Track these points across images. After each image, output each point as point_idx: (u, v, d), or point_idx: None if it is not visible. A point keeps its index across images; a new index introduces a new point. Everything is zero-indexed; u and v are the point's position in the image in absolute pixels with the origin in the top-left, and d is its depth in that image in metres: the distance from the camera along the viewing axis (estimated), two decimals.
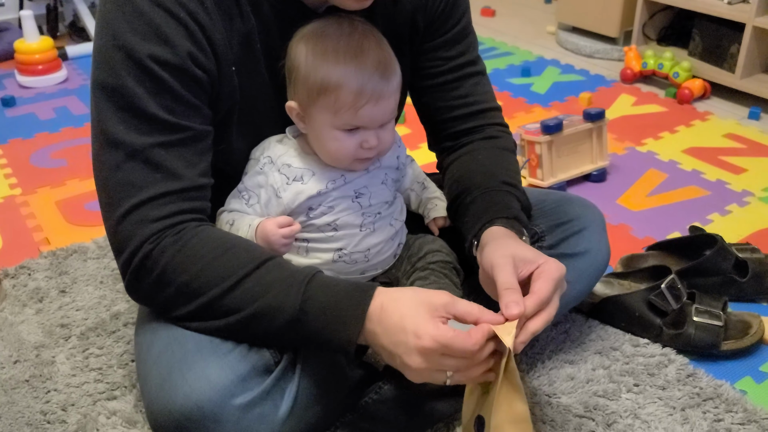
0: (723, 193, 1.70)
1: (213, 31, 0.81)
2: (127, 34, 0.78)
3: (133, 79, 0.78)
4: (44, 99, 2.29)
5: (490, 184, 0.98)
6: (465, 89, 1.04)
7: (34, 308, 1.31)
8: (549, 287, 0.79)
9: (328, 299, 0.78)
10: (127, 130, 0.79)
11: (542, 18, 3.06)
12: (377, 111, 0.87)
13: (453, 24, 1.01)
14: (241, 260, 0.80)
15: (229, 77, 0.85)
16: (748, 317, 1.22)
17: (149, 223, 0.79)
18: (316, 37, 0.86)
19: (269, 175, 0.91)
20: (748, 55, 2.14)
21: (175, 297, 0.81)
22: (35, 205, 1.67)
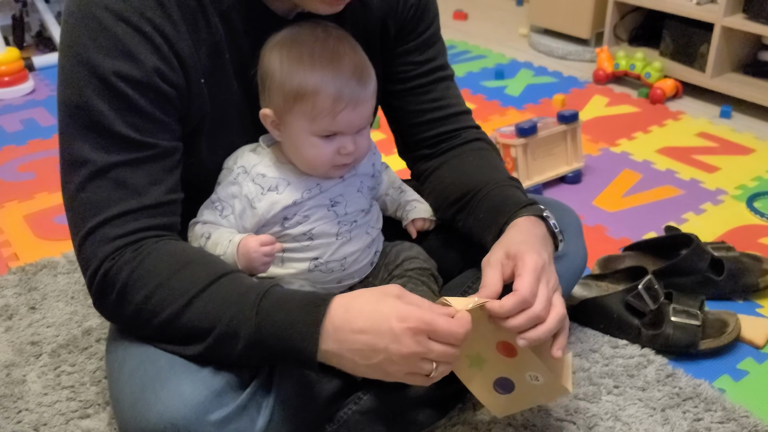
0: (697, 192, 1.72)
1: (180, 43, 0.80)
2: (91, 50, 0.76)
3: (98, 96, 0.77)
4: (11, 111, 2.25)
5: (498, 180, 0.98)
6: (436, 93, 1.03)
7: (4, 326, 1.27)
8: (526, 281, 0.79)
9: (282, 317, 0.75)
10: (91, 149, 0.78)
11: (514, 20, 3.07)
12: (355, 116, 0.86)
13: (424, 29, 1.01)
14: (195, 277, 0.78)
15: (199, 89, 0.83)
16: (724, 316, 1.23)
17: (110, 241, 0.78)
18: (290, 44, 0.85)
19: (243, 185, 0.90)
20: (718, 55, 2.17)
21: (136, 314, 0.79)
22: (3, 220, 1.63)
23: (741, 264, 1.33)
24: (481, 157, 1.03)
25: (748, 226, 1.57)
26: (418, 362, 0.74)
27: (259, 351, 0.76)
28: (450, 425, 1.04)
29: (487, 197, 0.96)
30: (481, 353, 0.85)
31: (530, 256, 0.82)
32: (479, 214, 0.96)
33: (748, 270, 1.33)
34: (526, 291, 0.79)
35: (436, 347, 0.73)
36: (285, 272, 0.94)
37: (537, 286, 0.80)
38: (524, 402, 0.91)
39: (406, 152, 1.10)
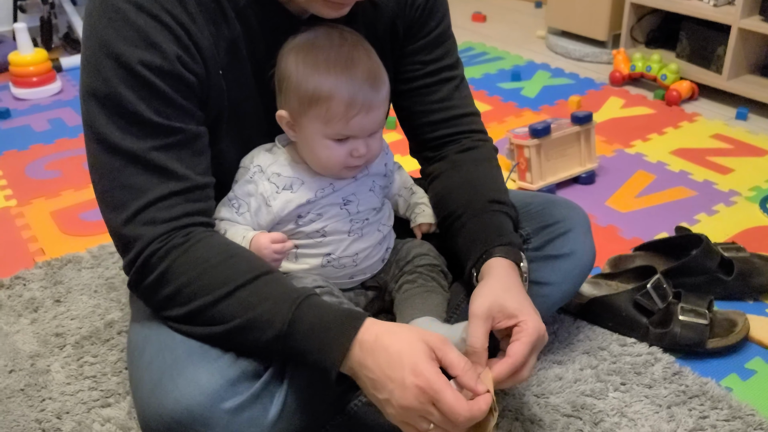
0: (710, 193, 1.72)
1: (199, 35, 0.83)
2: (116, 41, 0.79)
3: (125, 85, 0.80)
4: (39, 111, 2.31)
5: (476, 206, 0.98)
6: (442, 93, 1.05)
7: (29, 318, 1.32)
8: (524, 351, 0.82)
9: (317, 321, 0.78)
10: (123, 136, 0.81)
11: (532, 23, 3.08)
12: (367, 121, 0.89)
13: (431, 28, 1.02)
14: (240, 270, 0.81)
15: (217, 81, 0.86)
16: (733, 315, 1.24)
17: (159, 224, 0.81)
18: (307, 48, 0.88)
19: (259, 183, 0.93)
20: (735, 57, 2.17)
21: (172, 297, 0.82)
22: (30, 216, 1.69)
23: (751, 265, 1.34)
24: (469, 171, 1.03)
25: (761, 227, 1.58)
26: (416, 418, 0.75)
27: (284, 345, 0.78)
28: None
29: (465, 226, 0.98)
30: None
31: (532, 322, 0.83)
32: (458, 241, 0.98)
33: (759, 271, 1.34)
34: (519, 361, 0.82)
35: (437, 415, 0.74)
36: (298, 267, 0.97)
37: (530, 356, 0.83)
38: None
39: (414, 152, 1.12)
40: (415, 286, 1.01)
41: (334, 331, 0.77)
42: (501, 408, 0.84)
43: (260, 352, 0.82)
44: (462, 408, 0.73)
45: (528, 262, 0.99)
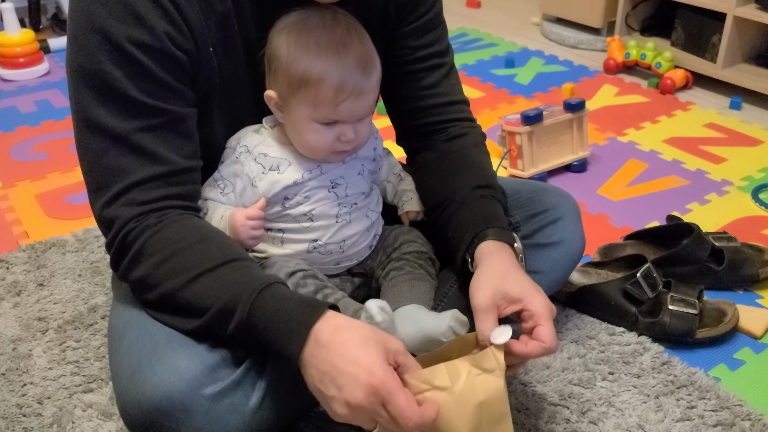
0: (702, 182, 1.71)
1: (188, 10, 0.81)
2: (103, 16, 0.77)
3: (111, 62, 0.78)
4: (26, 92, 2.28)
5: (464, 193, 0.97)
6: (431, 80, 1.03)
7: (12, 302, 1.30)
8: (550, 330, 0.81)
9: (277, 310, 0.75)
10: (109, 114, 0.79)
11: (527, 9, 3.06)
12: (357, 107, 0.88)
13: (422, 12, 1.00)
14: (209, 254, 0.80)
15: (208, 57, 0.85)
16: (723, 305, 1.23)
17: (136, 205, 0.80)
18: (299, 29, 0.86)
19: (245, 164, 0.91)
20: (729, 45, 2.15)
21: (144, 278, 0.81)
22: (15, 199, 1.66)
23: (742, 254, 1.33)
24: (455, 160, 1.01)
25: (752, 217, 1.57)
26: (364, 418, 0.71)
27: (247, 336, 0.76)
28: None
29: (454, 215, 0.96)
30: None
31: (540, 301, 0.83)
32: (447, 232, 0.97)
33: (749, 260, 1.33)
34: (552, 342, 0.81)
35: (385, 417, 0.70)
36: (284, 252, 0.95)
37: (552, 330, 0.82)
38: None
39: (401, 139, 1.11)
40: (403, 273, 0.99)
41: (293, 322, 0.74)
42: None
43: (229, 340, 0.80)
44: (413, 413, 0.69)
45: None
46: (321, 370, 0.72)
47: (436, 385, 0.74)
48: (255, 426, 0.82)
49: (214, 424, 0.79)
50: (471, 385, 0.75)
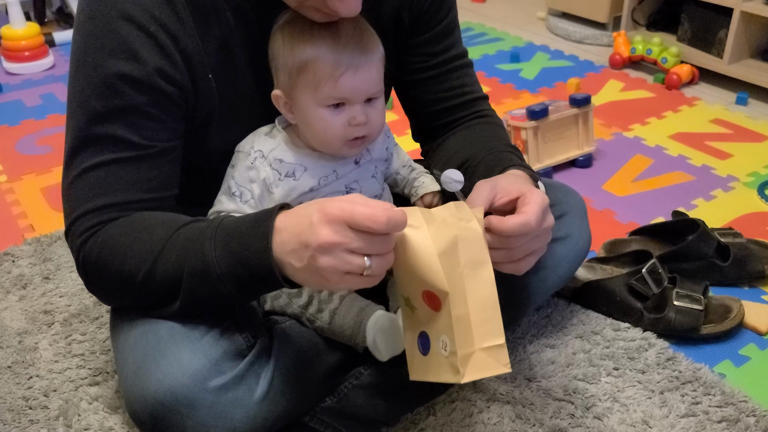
0: (708, 178, 1.71)
1: (186, 40, 0.81)
2: (97, 49, 0.78)
3: (97, 97, 0.79)
4: (31, 86, 2.28)
5: (495, 147, 0.98)
6: (452, 81, 1.04)
7: (18, 295, 1.31)
8: (536, 209, 0.77)
9: (237, 244, 0.74)
10: (84, 146, 0.81)
11: (532, 4, 3.04)
12: (357, 80, 0.85)
13: (440, 19, 1.01)
14: (155, 236, 0.79)
15: (206, 84, 0.84)
16: (728, 301, 1.23)
17: (83, 233, 0.82)
18: (292, 24, 0.85)
19: (261, 169, 0.89)
20: (736, 41, 2.14)
21: (118, 287, 0.82)
22: (20, 192, 1.67)
23: (747, 250, 1.33)
24: (485, 128, 1.04)
25: (758, 213, 1.57)
26: (345, 255, 0.68)
27: (229, 283, 0.75)
28: (449, 401, 1.06)
29: (483, 161, 0.96)
30: (411, 298, 0.78)
31: (537, 193, 0.80)
32: (475, 178, 0.94)
33: (755, 256, 1.32)
34: (533, 218, 0.77)
35: (359, 239, 0.68)
36: None
37: (542, 220, 0.79)
38: (432, 372, 0.77)
39: (420, 135, 1.11)
40: None
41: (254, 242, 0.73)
42: None
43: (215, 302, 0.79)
44: (379, 211, 0.67)
45: None
46: (289, 250, 0.70)
47: (409, 223, 0.71)
48: (260, 420, 0.82)
49: (219, 418, 0.79)
50: (446, 224, 0.73)
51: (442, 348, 0.74)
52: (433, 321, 0.75)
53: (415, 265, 0.72)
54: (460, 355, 0.72)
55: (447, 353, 0.74)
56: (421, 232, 0.72)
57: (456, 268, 0.72)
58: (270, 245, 0.72)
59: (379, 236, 0.68)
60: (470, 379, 0.72)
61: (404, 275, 0.76)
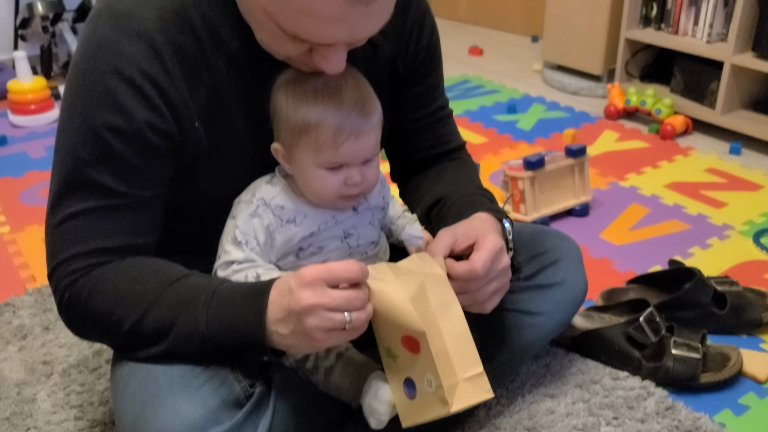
0: (704, 227, 1.73)
1: (172, 92, 0.83)
2: (86, 102, 0.81)
3: (85, 146, 0.81)
4: (36, 138, 2.32)
5: (467, 190, 1.02)
6: (437, 131, 1.08)
7: (17, 345, 1.31)
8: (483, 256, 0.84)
9: (230, 313, 0.80)
10: (70, 193, 0.83)
11: (528, 56, 3.12)
12: (358, 147, 0.88)
13: (431, 71, 1.04)
14: (149, 287, 0.83)
15: (193, 132, 0.87)
16: (726, 350, 1.23)
17: (68, 275, 0.84)
18: (296, 81, 0.88)
19: (264, 217, 0.91)
20: (728, 92, 2.19)
21: (103, 331, 0.85)
22: (23, 243, 1.68)
23: (744, 299, 1.33)
24: (456, 170, 1.08)
25: (754, 261, 1.58)
26: (327, 314, 0.74)
27: (213, 348, 0.80)
28: None
29: (454, 204, 1.00)
30: (392, 347, 0.84)
31: (491, 238, 0.86)
32: (448, 220, 0.99)
33: (752, 305, 1.33)
34: (479, 265, 0.83)
35: (336, 293, 0.75)
36: None
37: (490, 266, 0.84)
38: (421, 412, 0.83)
39: (398, 177, 1.15)
40: None
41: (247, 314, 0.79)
42: None
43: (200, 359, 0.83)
44: (352, 263, 0.76)
45: (519, 291, 0.99)
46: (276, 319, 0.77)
47: (378, 277, 0.80)
48: None
49: None
50: (411, 273, 0.81)
51: (427, 386, 0.80)
52: (414, 364, 0.80)
53: (390, 313, 0.79)
54: (446, 387, 0.77)
55: (433, 389, 0.79)
56: (391, 284, 0.80)
57: (428, 309, 0.78)
58: (264, 320, 0.78)
59: (354, 291, 0.76)
60: (458, 408, 0.78)
61: (382, 326, 0.82)
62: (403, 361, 0.82)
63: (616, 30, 2.51)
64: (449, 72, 2.91)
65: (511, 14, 3.49)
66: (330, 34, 0.75)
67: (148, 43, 0.80)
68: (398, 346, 0.82)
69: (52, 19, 2.74)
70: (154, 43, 0.81)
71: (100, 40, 0.80)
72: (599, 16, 2.53)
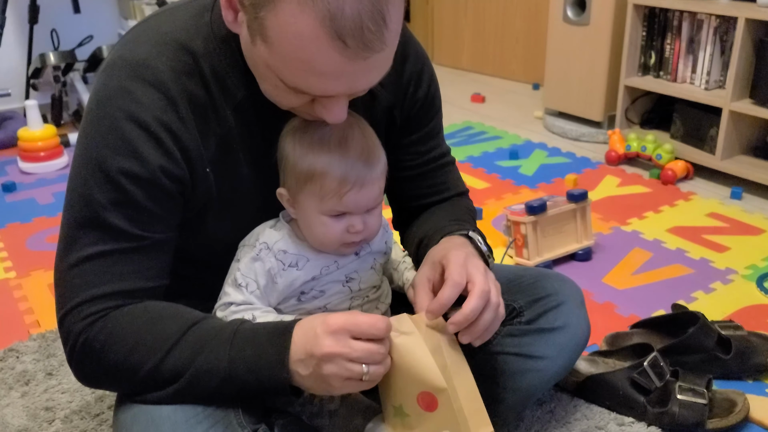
0: (707, 271, 1.73)
1: (186, 138, 0.85)
2: (101, 147, 0.82)
3: (100, 190, 0.82)
4: (45, 184, 2.35)
5: (443, 224, 1.03)
6: (437, 178, 1.09)
7: (20, 391, 1.31)
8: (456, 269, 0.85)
9: (252, 352, 0.81)
10: (85, 236, 0.84)
11: (530, 103, 3.16)
12: (361, 197, 0.90)
13: (428, 120, 1.06)
14: (168, 330, 0.83)
15: (204, 177, 0.88)
16: (732, 395, 1.22)
17: (83, 318, 0.83)
18: (303, 129, 0.90)
19: (266, 260, 0.92)
20: (727, 138, 2.21)
21: (117, 376, 0.84)
22: (28, 288, 1.69)
23: (749, 343, 1.33)
24: (444, 208, 1.09)
25: (758, 305, 1.57)
26: (346, 363, 0.77)
27: (233, 385, 0.81)
28: None
29: (431, 241, 1.00)
30: (404, 405, 0.84)
31: (454, 253, 0.88)
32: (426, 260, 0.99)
33: (757, 349, 1.32)
34: (455, 276, 0.84)
35: (358, 345, 0.78)
36: None
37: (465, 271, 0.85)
38: None
39: (399, 224, 1.15)
40: None
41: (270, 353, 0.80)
42: None
43: (213, 398, 0.83)
44: (378, 319, 0.78)
45: (521, 335, 0.99)
46: (298, 360, 0.80)
47: (402, 330, 0.82)
48: None
49: None
50: (429, 330, 0.83)
51: None
52: (429, 421, 0.82)
53: (411, 368, 0.81)
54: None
55: None
56: (414, 337, 0.81)
57: (445, 367, 0.81)
58: (287, 359, 0.80)
59: (376, 346, 0.78)
60: None
61: (397, 383, 0.83)
62: (415, 420, 0.83)
63: (615, 77, 2.55)
64: (452, 119, 2.98)
65: (512, 63, 3.55)
66: (330, 88, 0.77)
67: (163, 92, 0.83)
68: (412, 403, 0.83)
69: (63, 69, 2.81)
70: (168, 92, 0.83)
71: (116, 89, 0.83)
72: (599, 64, 2.58)
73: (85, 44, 2.88)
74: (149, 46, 0.84)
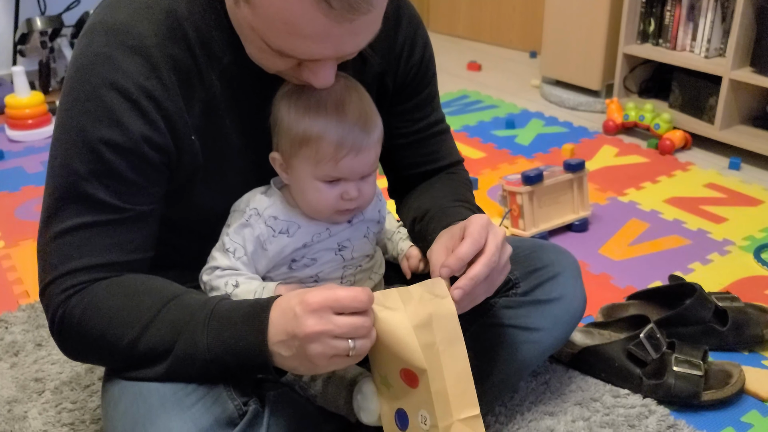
0: (704, 242, 1.71)
1: (170, 105, 0.82)
2: (81, 116, 0.80)
3: (81, 160, 0.80)
4: (33, 153, 2.31)
5: (446, 203, 1.00)
6: (431, 147, 1.06)
7: (9, 362, 1.29)
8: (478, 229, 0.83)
9: (230, 334, 0.78)
10: (66, 207, 0.81)
11: (527, 72, 3.12)
12: (357, 163, 0.88)
13: (423, 87, 1.03)
14: (144, 306, 0.81)
15: (189, 145, 0.86)
16: (728, 367, 1.21)
17: (62, 292, 0.82)
18: (299, 92, 0.87)
19: (255, 227, 0.91)
20: (726, 107, 2.19)
21: (97, 350, 0.83)
22: (17, 258, 1.67)
23: (746, 315, 1.32)
24: (442, 184, 1.06)
25: (755, 277, 1.56)
26: (331, 341, 0.73)
27: (216, 368, 0.79)
28: None
29: (432, 219, 0.98)
30: (388, 377, 0.83)
31: (475, 218, 0.85)
32: (426, 236, 0.97)
33: (753, 321, 1.31)
34: (476, 234, 0.82)
35: (342, 320, 0.74)
36: None
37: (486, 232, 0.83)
38: None
39: (394, 193, 1.13)
40: None
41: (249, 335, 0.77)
42: None
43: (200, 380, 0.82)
44: (359, 291, 0.74)
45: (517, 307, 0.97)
46: (279, 341, 0.76)
47: (387, 306, 0.78)
48: None
49: None
50: (422, 301, 0.79)
51: (421, 422, 0.79)
52: (410, 397, 0.80)
53: (393, 345, 0.78)
54: (441, 427, 0.77)
55: (427, 426, 0.79)
56: (399, 313, 0.78)
57: (432, 344, 0.77)
58: (266, 340, 0.76)
59: (360, 319, 0.74)
60: None
61: (382, 355, 0.81)
62: (398, 392, 0.82)
63: (614, 45, 2.51)
64: (448, 87, 2.94)
65: (509, 30, 3.50)
66: (315, 51, 0.75)
67: (146, 58, 0.80)
68: (395, 377, 0.81)
69: (50, 34, 2.75)
70: (150, 58, 0.80)
71: (96, 55, 0.79)
72: (597, 31, 2.54)
73: (72, 9, 2.81)
74: (131, 9, 0.81)
